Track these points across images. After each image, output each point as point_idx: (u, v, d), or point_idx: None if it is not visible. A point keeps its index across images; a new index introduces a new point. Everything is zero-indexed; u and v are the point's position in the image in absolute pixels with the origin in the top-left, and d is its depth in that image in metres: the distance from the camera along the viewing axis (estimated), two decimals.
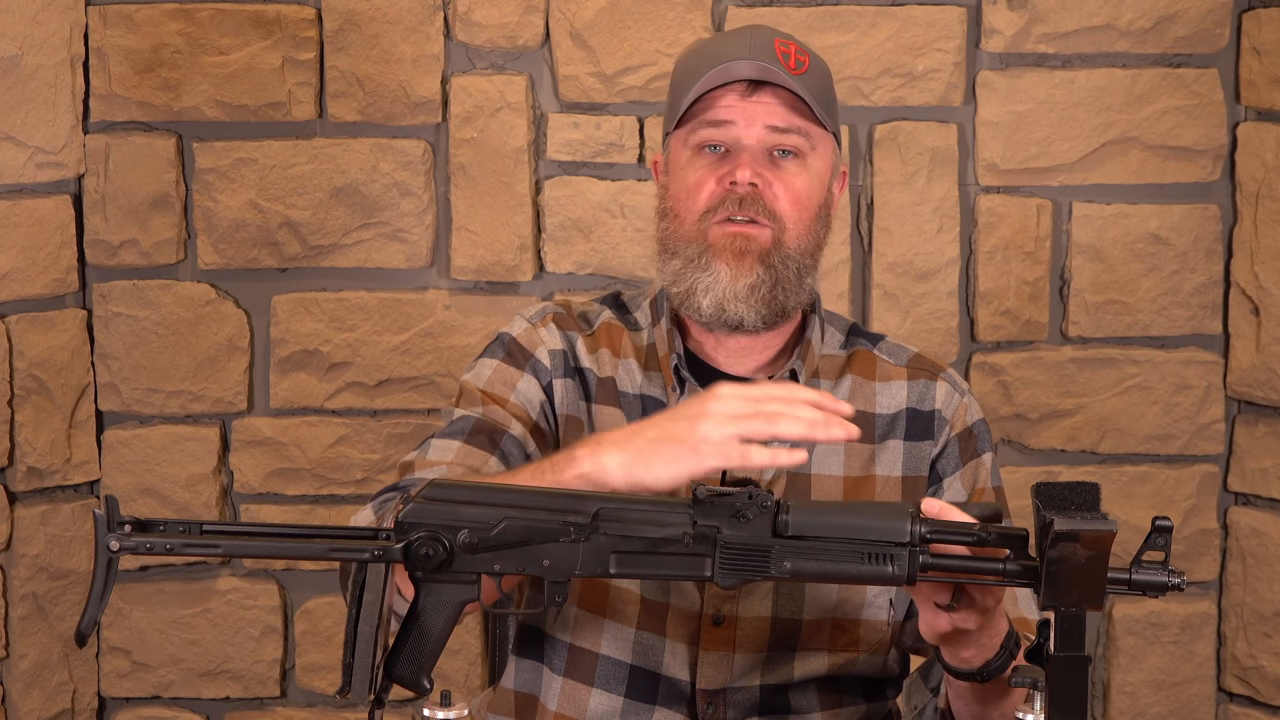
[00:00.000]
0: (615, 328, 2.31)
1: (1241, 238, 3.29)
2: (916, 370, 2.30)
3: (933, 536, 1.85)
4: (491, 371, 2.27)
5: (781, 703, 2.23)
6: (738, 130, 2.19)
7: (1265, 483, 3.30)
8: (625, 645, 2.23)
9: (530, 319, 2.31)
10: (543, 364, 2.27)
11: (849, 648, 2.24)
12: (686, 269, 2.21)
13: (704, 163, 2.21)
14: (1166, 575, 1.80)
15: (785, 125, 2.19)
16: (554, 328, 2.29)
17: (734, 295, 2.19)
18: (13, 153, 3.19)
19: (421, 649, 1.85)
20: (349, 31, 3.27)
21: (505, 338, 2.29)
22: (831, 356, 2.30)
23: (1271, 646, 3.29)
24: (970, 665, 2.02)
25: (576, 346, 2.28)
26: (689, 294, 2.21)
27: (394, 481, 2.20)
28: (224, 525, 1.84)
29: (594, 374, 2.27)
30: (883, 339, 2.34)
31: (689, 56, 2.26)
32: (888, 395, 2.28)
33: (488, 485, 1.88)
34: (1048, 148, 3.28)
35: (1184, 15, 3.25)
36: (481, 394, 2.25)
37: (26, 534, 3.26)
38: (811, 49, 2.24)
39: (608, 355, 2.28)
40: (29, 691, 3.28)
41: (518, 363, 2.27)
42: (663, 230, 2.26)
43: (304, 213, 3.29)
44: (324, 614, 3.38)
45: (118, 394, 3.32)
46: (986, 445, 2.30)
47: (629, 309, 2.35)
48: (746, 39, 2.22)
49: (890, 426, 2.27)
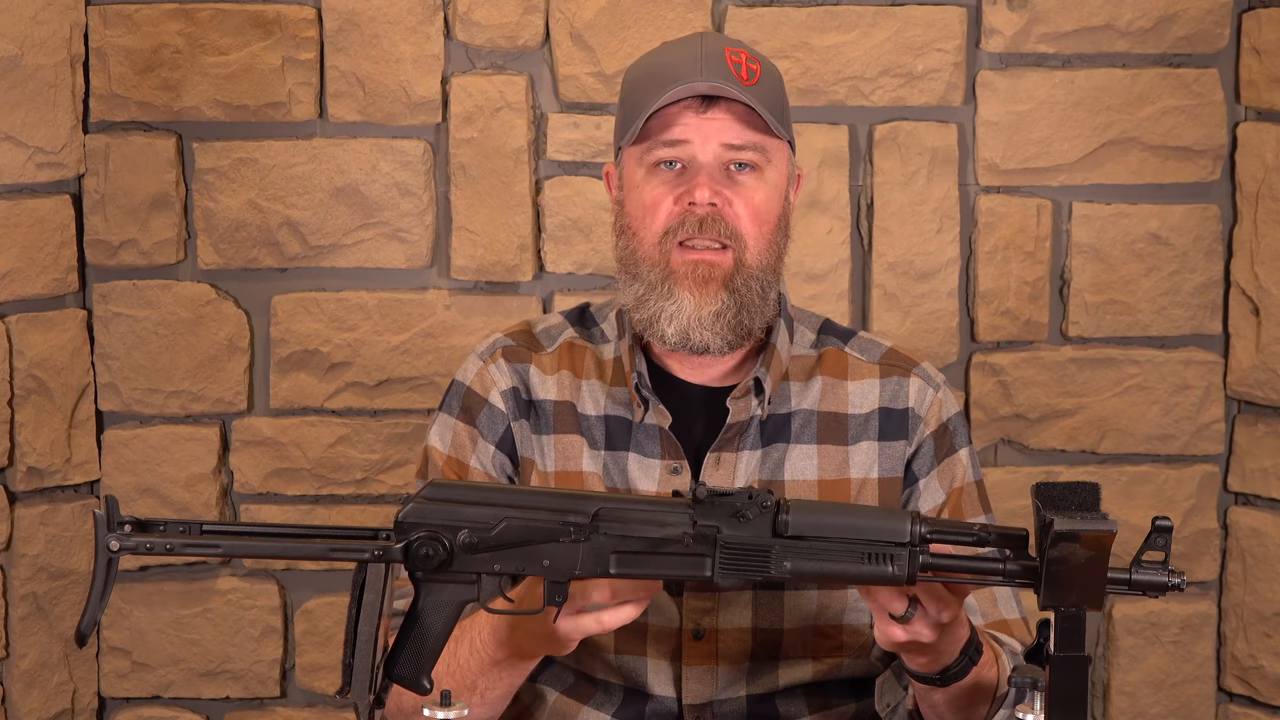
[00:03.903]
0: (577, 346, 2.30)
1: (1241, 238, 3.29)
2: (889, 367, 2.29)
3: (933, 537, 1.85)
4: (452, 435, 2.28)
5: (769, 711, 2.23)
6: (693, 148, 2.18)
7: (1265, 483, 3.30)
8: (610, 668, 2.23)
9: (481, 355, 2.31)
10: (498, 409, 2.27)
11: (833, 653, 2.23)
12: (650, 295, 2.20)
13: (659, 180, 2.19)
14: (1166, 575, 1.81)
15: (741, 142, 2.18)
16: (503, 364, 2.29)
17: (699, 323, 2.18)
18: (13, 153, 3.19)
19: (421, 649, 1.86)
20: (349, 31, 3.27)
21: (460, 389, 2.30)
22: (801, 357, 2.29)
23: (1271, 646, 3.29)
24: (928, 670, 2.02)
25: (529, 377, 2.28)
26: (653, 321, 2.20)
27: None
28: (224, 525, 1.85)
29: (550, 402, 2.27)
30: (855, 335, 2.32)
31: (640, 69, 2.24)
32: (859, 395, 2.27)
33: (488, 485, 1.89)
34: (1048, 148, 3.28)
35: (1184, 15, 3.25)
36: (444, 462, 2.27)
37: (26, 534, 3.26)
38: (762, 55, 2.23)
39: (568, 377, 2.27)
40: (29, 691, 3.28)
41: (472, 419, 2.28)
42: (621, 249, 2.24)
43: (304, 213, 3.29)
44: (324, 614, 3.37)
45: (118, 394, 3.32)
46: (963, 440, 2.28)
47: (595, 321, 2.33)
48: (697, 50, 2.20)
49: (863, 427, 2.26)
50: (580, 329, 2.32)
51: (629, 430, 2.23)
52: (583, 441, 2.24)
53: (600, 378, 2.27)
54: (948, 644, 1.99)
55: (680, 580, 2.03)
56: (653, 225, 2.19)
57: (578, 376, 2.27)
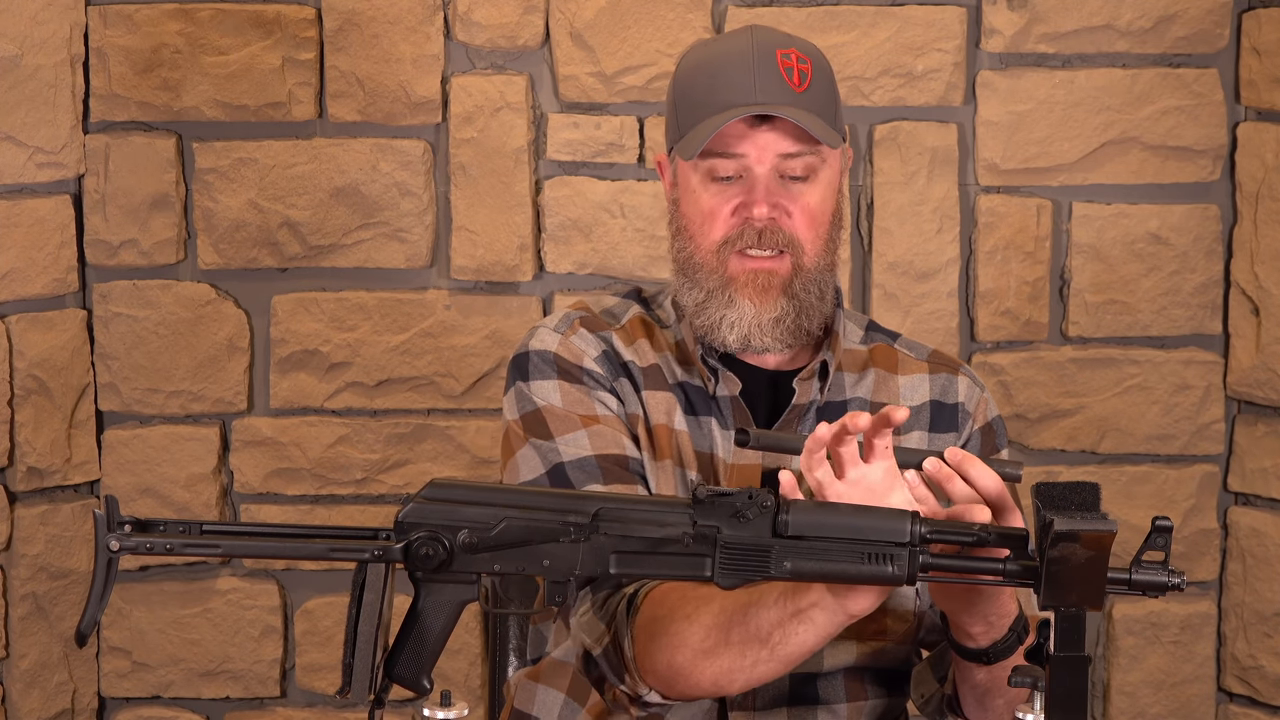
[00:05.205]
0: (646, 322, 2.30)
1: (1241, 238, 3.29)
2: (937, 365, 2.32)
3: (933, 536, 1.85)
4: (561, 394, 2.24)
5: (810, 693, 2.24)
6: (749, 161, 2.19)
7: (1265, 483, 3.30)
8: None
9: (556, 328, 2.27)
10: (596, 371, 2.24)
11: (876, 637, 2.24)
12: (710, 302, 2.22)
13: (715, 189, 2.20)
14: (1166, 575, 1.80)
15: (796, 151, 2.19)
16: (585, 332, 2.27)
17: (759, 329, 2.21)
18: (13, 153, 3.19)
19: (421, 649, 1.86)
20: (349, 31, 3.27)
21: (547, 356, 2.25)
22: (853, 350, 2.31)
23: (1271, 646, 3.29)
24: (977, 644, 2.02)
25: (614, 342, 2.27)
26: (714, 327, 2.22)
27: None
28: (224, 525, 1.84)
29: (636, 365, 2.27)
30: (899, 335, 2.36)
31: (692, 70, 2.24)
32: (910, 388, 2.30)
33: (488, 485, 1.88)
34: (1048, 148, 3.28)
35: (1184, 15, 3.25)
36: (579, 417, 2.22)
37: (26, 534, 3.26)
38: (810, 48, 2.24)
39: (646, 345, 2.28)
40: (29, 691, 3.28)
41: (576, 379, 2.24)
42: (677, 249, 2.26)
43: (304, 213, 3.29)
44: (324, 614, 3.38)
45: (118, 394, 3.32)
46: (1004, 441, 2.33)
47: (652, 305, 2.35)
48: (749, 54, 2.20)
49: (914, 419, 2.28)
50: (644, 308, 2.33)
51: (705, 398, 2.24)
52: (674, 400, 2.24)
53: (671, 352, 2.28)
54: (997, 614, 2.00)
55: (680, 581, 2.03)
56: (711, 234, 2.21)
57: (654, 349, 2.28)
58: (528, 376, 2.25)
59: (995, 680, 2.07)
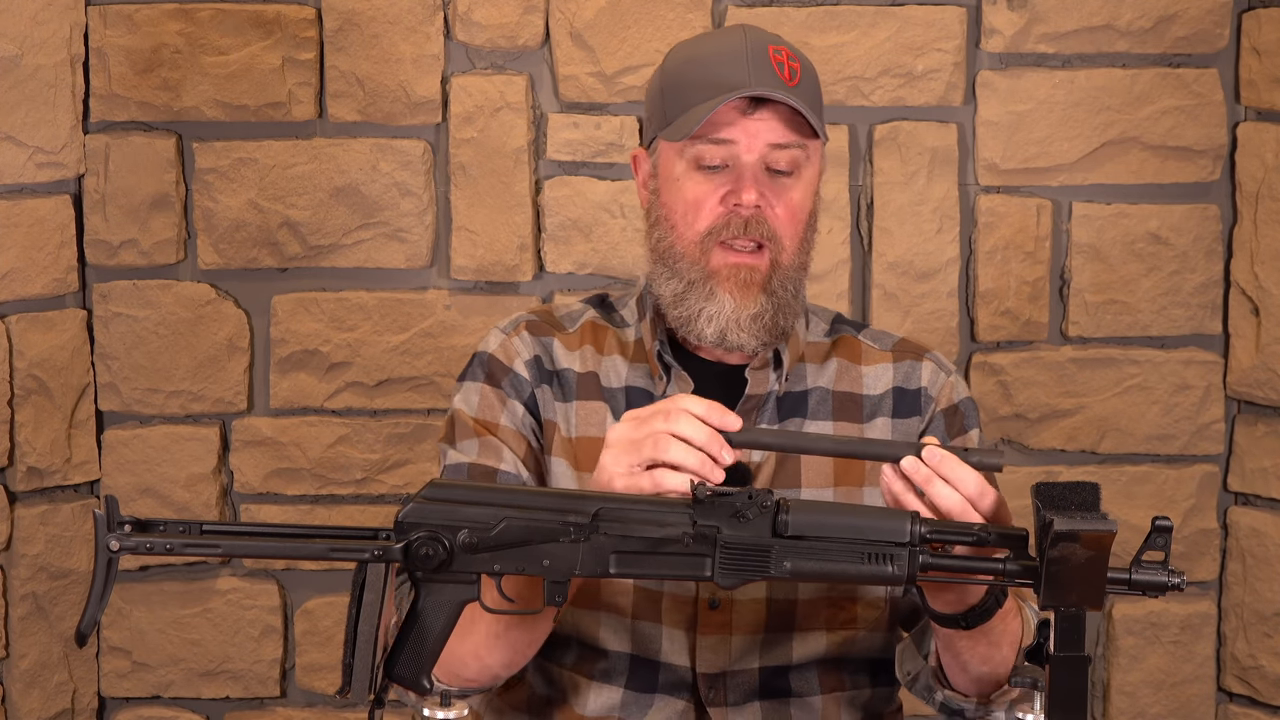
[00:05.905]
0: (599, 327, 2.33)
1: (1241, 238, 3.29)
2: (902, 353, 2.33)
3: (932, 536, 1.86)
4: (479, 397, 2.28)
5: (782, 685, 2.24)
6: (739, 149, 2.19)
7: (1265, 483, 3.30)
8: (623, 635, 2.23)
9: (504, 329, 2.33)
10: (521, 376, 2.28)
11: (846, 625, 2.25)
12: (689, 293, 2.22)
13: (702, 177, 2.21)
14: (1166, 575, 1.81)
15: (785, 141, 2.20)
16: (527, 335, 2.31)
17: (737, 324, 2.21)
18: (13, 153, 3.19)
19: (421, 649, 1.86)
20: (349, 31, 3.27)
21: (484, 357, 2.31)
22: (817, 343, 2.33)
23: (1271, 646, 3.29)
24: (953, 609, 2.02)
25: (553, 349, 2.30)
26: (691, 319, 2.23)
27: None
28: (224, 525, 1.85)
29: (573, 371, 2.28)
30: (866, 327, 2.37)
31: (683, 61, 2.25)
32: (873, 377, 2.31)
33: (488, 485, 1.89)
34: (1048, 148, 3.28)
35: (1184, 15, 3.25)
36: (474, 423, 2.26)
37: (26, 534, 3.26)
38: (799, 51, 2.25)
39: (591, 352, 2.30)
40: (29, 691, 3.28)
41: (498, 382, 2.28)
42: (656, 239, 2.27)
43: (304, 213, 3.29)
44: (324, 614, 3.38)
45: (118, 394, 3.32)
46: (974, 422, 2.31)
47: (615, 308, 2.36)
48: (741, 47, 2.21)
49: (877, 405, 2.29)
50: (602, 312, 2.34)
51: (650, 401, 2.24)
52: (606, 409, 2.26)
53: (622, 354, 2.29)
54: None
55: (680, 580, 2.04)
56: (695, 224, 2.21)
57: (600, 353, 2.29)
58: (464, 376, 2.32)
59: (975, 644, 2.07)
